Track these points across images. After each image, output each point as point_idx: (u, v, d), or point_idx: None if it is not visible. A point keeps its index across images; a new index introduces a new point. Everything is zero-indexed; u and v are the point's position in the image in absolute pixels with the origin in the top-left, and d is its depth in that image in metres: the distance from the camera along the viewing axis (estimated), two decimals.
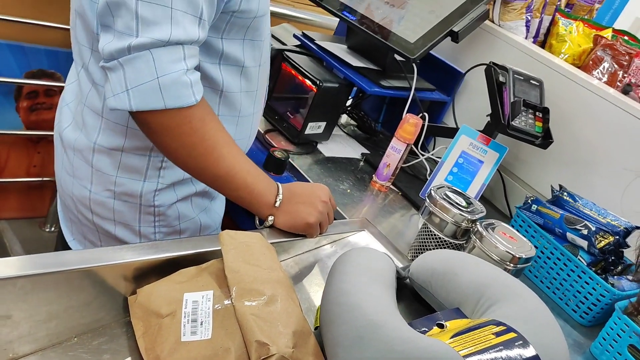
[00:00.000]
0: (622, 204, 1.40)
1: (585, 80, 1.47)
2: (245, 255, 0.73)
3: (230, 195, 0.92)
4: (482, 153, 1.42)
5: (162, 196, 0.99)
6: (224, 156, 0.85)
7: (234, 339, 0.62)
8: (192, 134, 0.81)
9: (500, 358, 0.66)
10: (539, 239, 1.31)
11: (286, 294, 0.71)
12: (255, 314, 0.64)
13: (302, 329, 0.67)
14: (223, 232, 0.77)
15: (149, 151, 0.94)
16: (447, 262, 0.93)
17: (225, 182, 0.88)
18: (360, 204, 1.37)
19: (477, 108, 1.58)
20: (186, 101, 0.77)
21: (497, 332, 0.71)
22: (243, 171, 0.88)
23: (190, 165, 0.86)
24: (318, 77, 1.40)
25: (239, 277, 0.68)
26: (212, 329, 0.64)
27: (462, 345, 0.67)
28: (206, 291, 0.67)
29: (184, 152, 0.83)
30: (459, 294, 0.87)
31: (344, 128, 1.72)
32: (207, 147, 0.83)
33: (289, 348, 0.61)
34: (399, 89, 1.51)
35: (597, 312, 1.23)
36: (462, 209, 1.10)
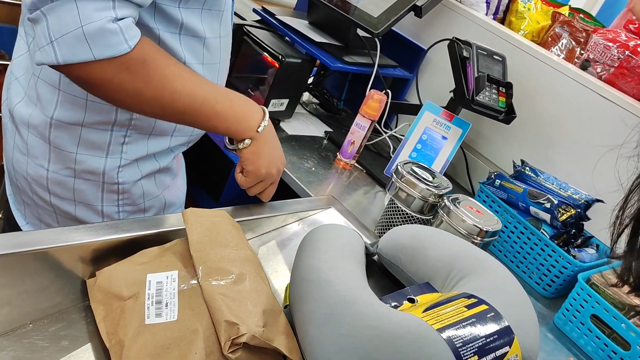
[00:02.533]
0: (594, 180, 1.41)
1: (546, 56, 1.48)
2: (211, 234, 0.69)
3: (204, 127, 0.87)
4: (446, 129, 1.41)
5: (126, 173, 0.94)
6: (178, 92, 0.79)
7: (201, 319, 0.59)
8: (135, 80, 0.75)
9: (474, 330, 0.65)
10: (502, 213, 1.31)
11: (255, 272, 0.68)
12: (223, 294, 0.61)
13: (272, 307, 0.64)
14: (187, 210, 0.73)
15: (111, 125, 0.89)
16: (416, 237, 0.91)
17: (191, 116, 0.82)
18: (325, 182, 1.34)
19: (439, 85, 1.57)
20: (117, 49, 0.70)
21: (469, 304, 0.70)
22: (209, 100, 0.83)
23: (147, 111, 0.81)
24: (280, 52, 1.36)
25: (205, 256, 0.65)
26: (178, 310, 0.60)
27: (435, 318, 0.66)
28: (171, 271, 0.64)
29: (133, 101, 0.77)
30: (429, 268, 0.85)
31: (306, 106, 1.69)
32: (156, 88, 0.77)
33: (259, 327, 0.59)
34: (362, 65, 1.48)
35: (560, 284, 1.25)
36: (429, 183, 1.09)
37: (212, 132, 0.89)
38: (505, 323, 0.69)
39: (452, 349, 0.61)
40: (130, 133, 0.91)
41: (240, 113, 0.88)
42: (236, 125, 0.88)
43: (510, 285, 0.80)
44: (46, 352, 0.61)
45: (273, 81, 1.37)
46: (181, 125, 0.95)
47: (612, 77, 1.42)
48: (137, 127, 0.91)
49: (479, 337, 0.64)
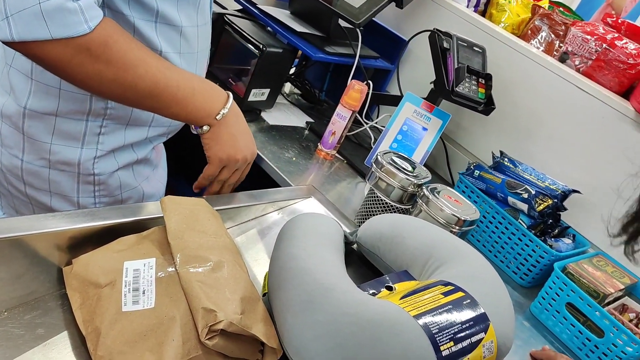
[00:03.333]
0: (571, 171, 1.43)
1: (525, 48, 1.49)
2: (189, 222, 0.69)
3: (163, 113, 0.86)
4: (426, 120, 1.42)
5: (102, 164, 0.93)
6: (141, 76, 0.77)
7: (179, 306, 0.59)
8: (95, 62, 0.72)
9: (450, 317, 0.66)
10: (481, 203, 1.33)
11: (233, 260, 0.67)
12: (201, 281, 0.60)
13: (251, 294, 0.64)
14: (165, 198, 0.72)
15: (86, 115, 0.88)
16: (395, 225, 0.92)
17: (152, 101, 0.81)
18: (306, 172, 1.34)
19: (420, 76, 1.57)
20: (76, 30, 0.68)
21: (446, 291, 0.71)
22: (171, 87, 0.81)
23: (108, 94, 0.79)
24: (262, 42, 1.35)
25: (183, 244, 0.65)
26: (155, 297, 0.60)
27: (412, 305, 0.66)
28: (148, 259, 0.63)
29: (94, 82, 0.75)
30: (407, 256, 0.86)
31: (287, 97, 1.68)
32: (117, 71, 0.75)
33: (237, 314, 0.59)
34: (344, 55, 1.48)
35: (537, 273, 1.26)
36: (408, 173, 1.10)
37: (174, 119, 0.87)
38: (481, 310, 0.69)
39: (428, 335, 0.62)
40: (107, 123, 0.90)
41: (201, 101, 0.86)
42: (196, 112, 0.86)
43: (487, 274, 0.81)
44: (21, 340, 0.60)
45: (254, 71, 1.37)
46: (159, 115, 0.94)
47: (590, 69, 1.44)
48: (113, 117, 0.90)
49: (455, 324, 0.65)
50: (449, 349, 0.63)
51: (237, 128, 0.94)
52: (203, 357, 0.57)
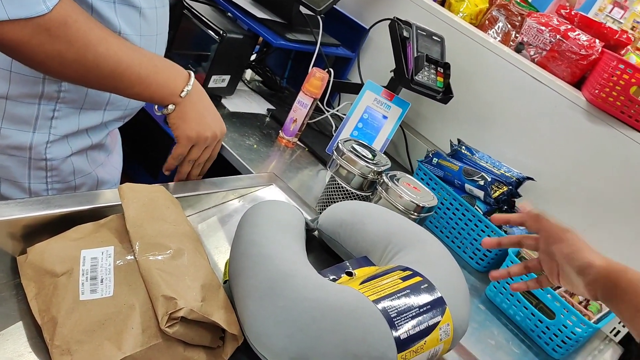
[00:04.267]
0: (525, 159, 1.46)
1: (483, 38, 1.51)
2: (148, 209, 0.68)
3: (126, 94, 0.83)
4: (386, 109, 1.43)
5: (55, 149, 0.90)
6: (102, 55, 0.76)
7: (138, 295, 0.58)
8: (55, 42, 0.71)
9: (408, 301, 0.67)
10: (439, 190, 1.35)
11: (193, 248, 0.67)
12: (160, 269, 0.60)
13: (211, 282, 0.64)
14: (123, 185, 0.71)
15: (39, 98, 0.85)
16: (355, 212, 0.92)
17: (114, 81, 0.79)
18: (267, 159, 1.34)
19: (381, 64, 1.58)
20: (34, 10, 0.66)
21: (404, 276, 0.72)
22: (134, 65, 0.80)
23: (69, 75, 0.77)
24: (222, 28, 1.33)
25: (142, 232, 0.64)
26: (114, 285, 0.59)
27: (371, 290, 0.67)
28: (106, 247, 0.62)
29: (54, 63, 0.73)
30: (367, 242, 0.87)
31: (248, 84, 1.67)
32: (78, 51, 0.73)
33: (197, 301, 0.58)
34: (305, 42, 1.47)
35: (492, 258, 1.30)
36: (368, 161, 1.10)
37: (137, 99, 0.85)
38: (438, 294, 0.71)
39: (387, 319, 0.63)
40: (60, 107, 0.87)
41: (164, 79, 0.85)
42: (159, 91, 0.85)
43: (444, 259, 0.82)
44: None
45: (214, 57, 1.35)
46: (114, 98, 0.92)
47: (544, 60, 1.48)
48: (66, 101, 0.87)
49: (412, 308, 0.66)
50: (406, 332, 0.64)
51: (203, 105, 0.93)
52: (163, 344, 0.56)
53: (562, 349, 1.14)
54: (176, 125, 0.90)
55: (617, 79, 1.27)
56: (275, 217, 0.81)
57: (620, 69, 1.27)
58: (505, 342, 1.15)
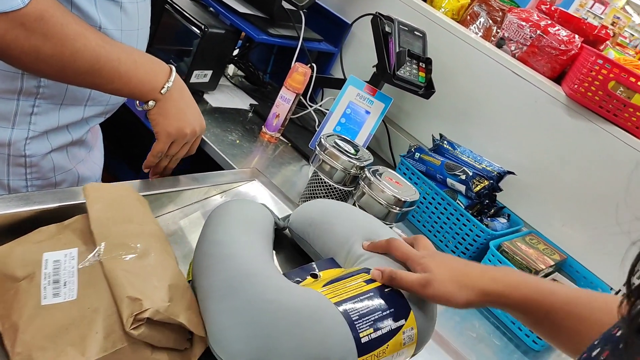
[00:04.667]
0: (506, 153, 1.44)
1: (464, 33, 1.48)
2: (113, 209, 0.64)
3: (105, 90, 0.80)
4: (369, 104, 1.40)
5: (34, 145, 0.86)
6: (79, 51, 0.72)
7: (102, 297, 0.54)
8: (31, 37, 0.68)
9: (370, 304, 0.64)
10: (421, 185, 1.32)
11: (160, 248, 0.63)
12: (126, 269, 0.56)
13: (179, 282, 0.60)
14: (88, 185, 0.66)
15: (17, 94, 0.80)
16: (325, 212, 0.88)
17: (93, 77, 0.76)
18: (250, 155, 1.30)
19: (363, 60, 1.54)
20: (9, 4, 0.64)
21: (368, 279, 0.69)
22: (112, 60, 0.76)
23: (45, 70, 0.74)
24: (203, 23, 1.29)
25: (107, 232, 0.60)
26: (77, 289, 0.55)
27: (334, 292, 0.64)
28: (69, 249, 0.58)
29: (29, 58, 0.70)
30: (333, 243, 0.82)
31: (231, 79, 1.62)
32: (55, 46, 0.70)
33: (164, 302, 0.54)
34: (287, 37, 1.43)
35: (474, 252, 1.27)
36: (350, 156, 1.07)
37: (117, 94, 0.82)
38: (402, 297, 0.67)
39: (348, 322, 0.60)
40: (39, 102, 0.83)
41: (144, 74, 0.81)
42: (140, 87, 0.81)
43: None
44: None
45: (196, 52, 1.30)
46: (95, 93, 0.89)
47: (525, 55, 1.45)
48: (46, 96, 0.83)
49: (375, 311, 0.63)
50: (368, 335, 0.61)
51: (184, 101, 0.89)
52: (129, 349, 0.53)
53: (542, 341, 1.12)
54: (156, 121, 0.86)
55: (595, 73, 1.25)
56: (241, 216, 0.77)
57: (599, 64, 1.24)
58: (487, 335, 1.13)
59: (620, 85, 1.24)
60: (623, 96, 1.24)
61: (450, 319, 1.13)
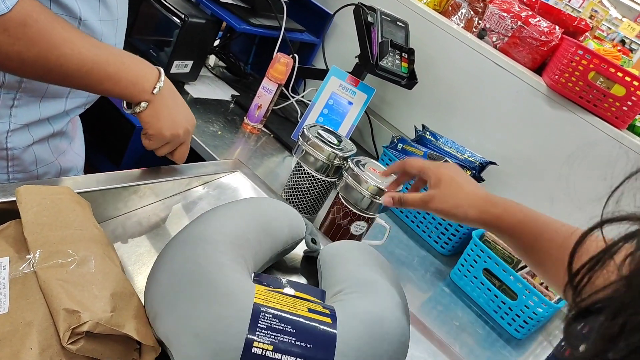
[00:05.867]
0: (488, 144, 1.42)
1: (446, 24, 1.44)
2: (50, 214, 0.56)
3: (95, 91, 0.78)
4: (351, 94, 1.36)
5: (16, 138, 0.81)
6: (66, 55, 0.69)
7: (37, 310, 0.48)
8: (14, 43, 0.64)
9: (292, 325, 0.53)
10: None
11: (102, 253, 0.55)
12: (62, 279, 0.49)
13: (123, 289, 0.53)
14: (21, 187, 0.59)
15: None
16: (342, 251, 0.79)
17: (82, 79, 0.73)
18: (232, 146, 1.25)
19: (346, 50, 1.50)
20: None
21: (315, 310, 0.57)
22: (100, 62, 0.73)
23: (31, 74, 0.70)
24: (183, 12, 1.22)
25: (42, 239, 0.53)
26: (9, 301, 0.47)
27: (266, 299, 0.55)
28: (0, 258, 0.51)
29: (14, 64, 0.67)
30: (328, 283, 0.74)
31: (212, 69, 1.56)
32: (40, 52, 0.67)
33: (106, 312, 0.48)
34: (269, 27, 1.37)
35: (456, 242, 1.24)
36: (334, 146, 1.04)
37: (107, 95, 0.78)
38: (330, 350, 0.54)
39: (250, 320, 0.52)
40: (20, 96, 0.78)
41: (134, 75, 0.77)
42: (130, 87, 0.77)
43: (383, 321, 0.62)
44: None
45: (176, 42, 1.23)
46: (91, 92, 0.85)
47: (506, 46, 1.42)
48: (27, 90, 0.78)
49: (290, 334, 0.53)
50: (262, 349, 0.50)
51: (175, 102, 0.84)
52: None
53: (525, 329, 1.10)
54: (150, 123, 0.81)
55: (576, 64, 1.22)
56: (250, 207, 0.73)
57: (579, 54, 1.22)
58: (470, 324, 1.11)
59: (600, 76, 1.22)
60: (603, 86, 1.22)
61: (433, 309, 1.11)
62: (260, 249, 0.70)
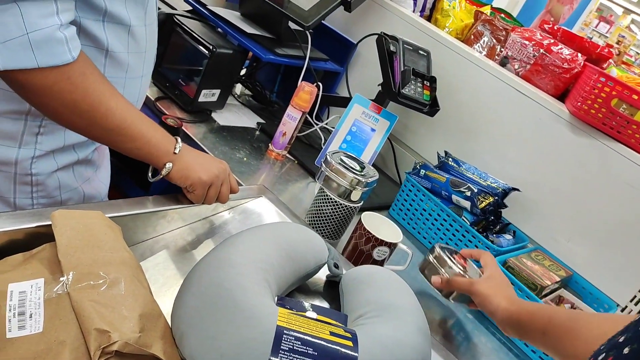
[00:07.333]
0: (511, 170, 1.41)
1: (468, 52, 1.46)
2: (83, 237, 0.59)
3: (125, 147, 0.80)
4: (374, 121, 1.38)
5: (41, 164, 0.83)
6: (112, 109, 0.73)
7: (69, 329, 0.49)
8: (73, 91, 0.68)
9: (313, 347, 0.54)
10: (427, 201, 1.29)
11: (131, 275, 0.57)
12: (94, 300, 0.51)
13: (151, 311, 0.55)
14: (56, 212, 0.61)
15: (25, 115, 0.78)
16: (364, 276, 0.80)
17: (118, 135, 0.76)
18: (257, 172, 1.27)
19: (369, 78, 1.52)
20: (62, 59, 0.65)
21: (336, 332, 0.58)
22: (136, 121, 0.77)
23: (77, 124, 0.74)
24: (212, 43, 1.26)
25: (75, 261, 0.55)
26: (43, 321, 0.49)
27: (289, 322, 0.56)
28: (36, 279, 0.53)
29: (67, 111, 0.70)
30: (350, 307, 0.75)
31: (238, 98, 1.59)
32: (92, 103, 0.71)
33: (135, 333, 0.50)
34: (294, 57, 1.40)
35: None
36: (356, 172, 1.05)
37: (135, 154, 0.80)
38: None
39: (274, 341, 0.53)
40: (46, 123, 0.81)
41: (160, 137, 0.82)
42: (157, 148, 0.81)
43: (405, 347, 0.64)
44: None
45: (204, 72, 1.27)
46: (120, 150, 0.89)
47: (528, 73, 1.42)
48: None
49: (311, 356, 0.54)
50: None
51: (197, 153, 0.88)
52: None
53: (548, 358, 1.08)
54: (184, 177, 0.84)
55: (598, 91, 1.22)
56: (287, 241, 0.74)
57: (601, 81, 1.21)
58: (494, 351, 1.08)
59: (623, 103, 1.21)
60: (626, 113, 1.21)
61: (456, 335, 1.09)
62: (283, 273, 0.71)
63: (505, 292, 0.89)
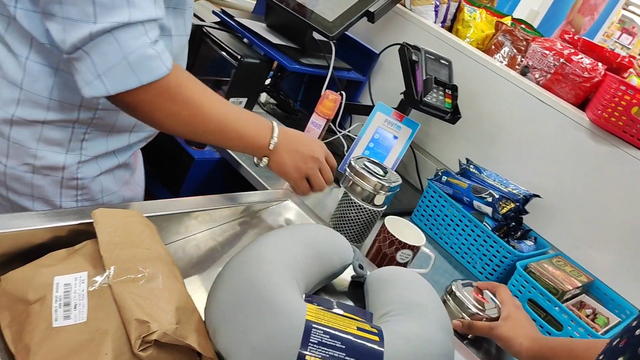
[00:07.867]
0: (531, 177, 1.41)
1: (489, 62, 1.46)
2: (122, 234, 0.61)
3: (223, 145, 0.88)
4: (396, 129, 1.39)
5: (86, 169, 0.87)
6: (210, 113, 0.78)
7: (111, 320, 0.52)
8: (173, 101, 0.73)
9: (341, 342, 0.55)
10: (448, 207, 1.30)
11: (168, 271, 0.60)
12: (134, 293, 0.53)
13: (186, 305, 0.57)
14: (97, 210, 0.64)
15: (73, 123, 0.82)
16: (389, 276, 0.81)
17: (217, 135, 0.82)
18: None
19: (391, 87, 1.54)
20: (159, 72, 0.69)
21: (363, 328, 0.59)
22: (231, 120, 0.82)
23: (181, 131, 0.79)
24: (239, 53, 1.29)
25: (115, 257, 0.57)
26: (87, 311, 0.52)
27: (317, 317, 0.57)
28: (79, 273, 0.55)
29: (171, 121, 0.75)
30: (375, 305, 0.76)
31: (263, 106, 1.63)
32: (192, 110, 0.76)
33: (172, 324, 0.52)
34: (318, 67, 1.42)
35: (501, 273, 1.23)
36: (379, 177, 1.07)
37: (233, 149, 0.87)
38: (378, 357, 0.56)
39: (304, 334, 0.54)
40: (91, 130, 0.84)
41: (254, 130, 0.86)
42: (252, 142, 0.86)
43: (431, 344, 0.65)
44: None
45: (232, 80, 1.30)
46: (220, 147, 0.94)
47: (549, 82, 1.43)
48: (97, 125, 0.83)
49: (339, 349, 0.55)
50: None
51: (293, 145, 0.92)
52: None
53: None
54: (283, 172, 0.91)
55: (619, 100, 1.21)
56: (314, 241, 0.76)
57: (622, 90, 1.21)
58: None
59: None
60: None
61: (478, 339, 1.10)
62: (311, 272, 0.73)
63: (525, 331, 0.88)
